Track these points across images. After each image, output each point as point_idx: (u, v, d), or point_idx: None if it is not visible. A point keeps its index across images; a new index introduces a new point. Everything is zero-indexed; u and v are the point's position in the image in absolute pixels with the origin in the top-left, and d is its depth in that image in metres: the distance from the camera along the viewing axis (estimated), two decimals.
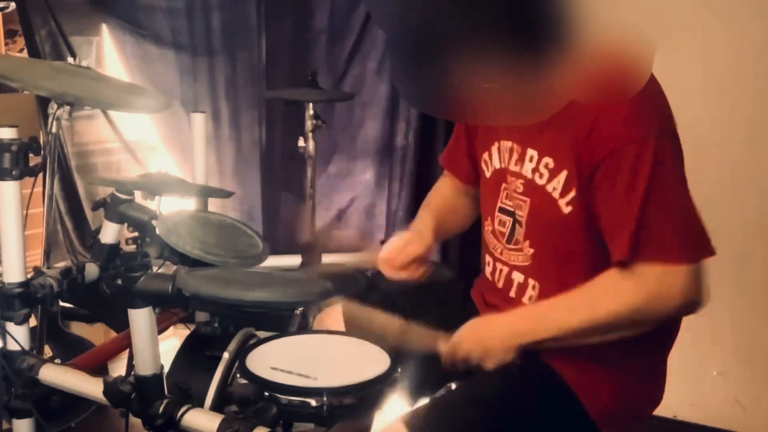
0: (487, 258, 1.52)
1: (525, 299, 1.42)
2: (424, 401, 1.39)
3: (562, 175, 1.31)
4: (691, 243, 1.23)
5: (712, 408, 2.41)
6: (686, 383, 2.36)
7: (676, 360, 1.44)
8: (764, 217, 2.26)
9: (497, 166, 1.47)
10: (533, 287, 1.40)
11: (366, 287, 1.69)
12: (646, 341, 1.34)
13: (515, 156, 1.40)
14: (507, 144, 1.42)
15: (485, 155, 1.50)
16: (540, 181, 1.34)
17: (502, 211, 1.45)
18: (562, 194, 1.31)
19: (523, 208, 1.39)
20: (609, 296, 1.25)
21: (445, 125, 2.72)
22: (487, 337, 1.32)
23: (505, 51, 1.01)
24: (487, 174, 1.50)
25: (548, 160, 1.33)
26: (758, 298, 2.30)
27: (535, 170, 1.35)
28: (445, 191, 1.69)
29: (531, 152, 1.35)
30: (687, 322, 1.42)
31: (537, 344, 1.30)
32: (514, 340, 1.30)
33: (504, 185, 1.44)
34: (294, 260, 2.61)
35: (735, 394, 2.38)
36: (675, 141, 1.27)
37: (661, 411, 1.45)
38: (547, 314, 1.31)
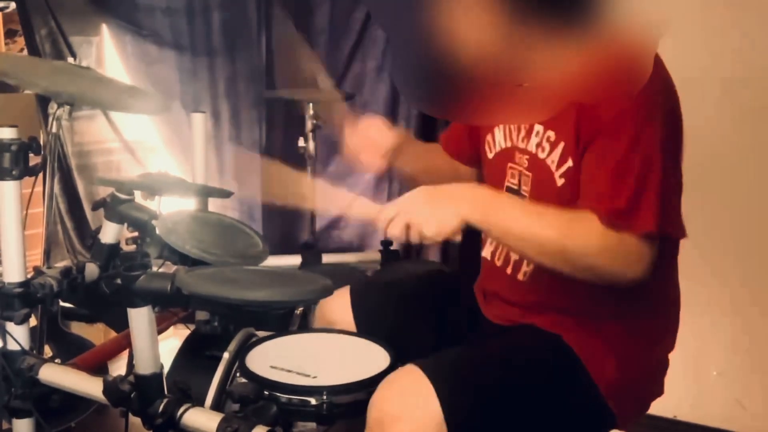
0: (486, 242, 1.54)
1: (520, 275, 1.43)
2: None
3: (560, 147, 1.32)
4: (669, 221, 1.24)
5: (712, 408, 2.41)
6: (686, 383, 2.36)
7: (676, 360, 1.44)
8: (764, 215, 2.26)
9: (502, 145, 1.47)
10: (527, 263, 1.41)
11: (366, 287, 1.69)
12: (648, 323, 1.38)
13: (522, 132, 1.41)
14: None
15: (488, 136, 1.51)
16: (542, 155, 1.36)
17: (509, 190, 1.46)
18: (558, 166, 1.33)
19: (527, 183, 1.40)
20: (582, 234, 1.23)
21: (445, 125, 2.72)
22: (433, 199, 1.27)
23: (513, 49, 1.01)
24: (490, 155, 1.51)
25: (550, 133, 1.34)
26: (759, 297, 2.30)
27: (539, 145, 1.36)
28: (434, 148, 1.71)
29: (537, 127, 1.37)
30: (687, 322, 1.43)
31: (485, 227, 1.27)
32: (460, 208, 1.24)
33: (510, 164, 1.45)
34: (294, 260, 2.61)
35: (735, 394, 2.38)
36: (675, 117, 1.28)
37: (661, 411, 1.45)
38: (506, 206, 1.29)
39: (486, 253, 1.54)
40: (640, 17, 0.99)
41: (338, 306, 1.61)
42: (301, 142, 2.60)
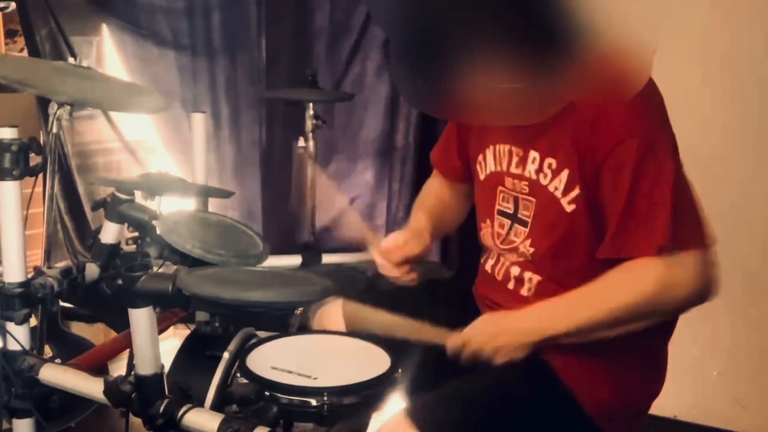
0: (487, 254, 1.54)
1: (523, 291, 1.43)
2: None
3: (564, 174, 1.32)
4: (694, 231, 1.24)
5: (712, 408, 2.41)
6: (686, 383, 2.36)
7: (676, 360, 1.44)
8: (765, 216, 2.26)
9: (492, 169, 1.47)
10: (529, 279, 1.41)
11: (366, 287, 1.69)
12: (644, 333, 1.35)
13: (516, 159, 1.40)
14: (504, 147, 1.43)
15: (479, 157, 1.51)
16: (544, 181, 1.35)
17: (501, 213, 1.46)
18: (564, 193, 1.32)
19: (529, 208, 1.39)
20: (621, 288, 1.26)
21: (445, 125, 2.72)
22: (501, 333, 1.32)
23: (511, 51, 1.01)
24: (482, 176, 1.51)
25: (551, 161, 1.34)
26: (759, 298, 2.30)
27: (538, 171, 1.36)
28: (436, 190, 1.70)
29: (533, 154, 1.36)
30: (687, 322, 1.42)
31: (552, 340, 1.30)
32: (528, 337, 1.30)
33: (500, 188, 1.45)
34: (294, 260, 2.61)
35: (735, 394, 2.38)
36: (671, 135, 1.29)
37: (661, 411, 1.45)
38: (561, 310, 1.31)
39: (487, 266, 1.54)
40: (634, 29, 1.00)
41: (334, 317, 1.61)
42: (301, 142, 2.60)
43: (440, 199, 1.68)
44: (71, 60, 2.05)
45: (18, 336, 1.52)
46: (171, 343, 2.56)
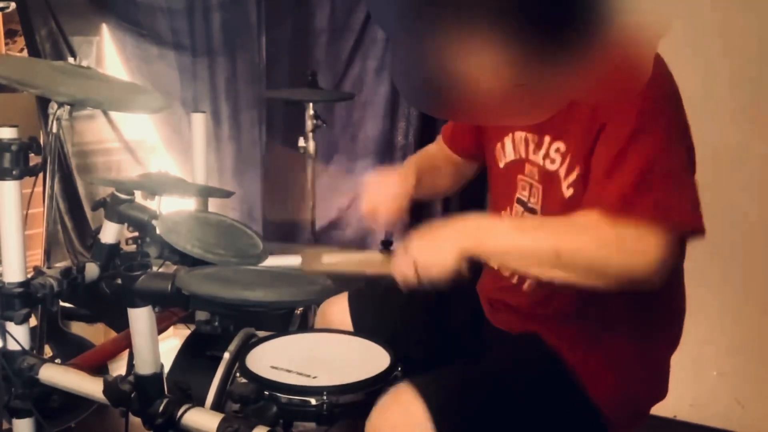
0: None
1: (525, 286, 1.42)
2: None
3: (569, 157, 1.31)
4: (670, 210, 1.18)
5: (712, 408, 2.41)
6: (686, 383, 2.36)
7: (676, 360, 1.44)
8: (764, 216, 2.26)
9: (512, 157, 1.46)
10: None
11: (366, 286, 1.69)
12: (652, 332, 1.36)
13: (532, 145, 1.40)
14: (521, 134, 1.42)
15: (498, 145, 1.49)
16: (551, 167, 1.35)
17: (519, 202, 1.45)
18: (566, 176, 1.32)
19: (536, 195, 1.39)
20: (582, 232, 1.19)
21: (445, 124, 2.72)
22: (435, 236, 1.25)
23: (513, 49, 1.01)
24: (501, 165, 1.49)
25: (559, 144, 1.33)
26: (758, 297, 2.30)
27: (546, 156, 1.35)
28: (433, 154, 1.69)
29: (546, 139, 1.36)
30: (687, 322, 1.43)
31: (484, 253, 1.24)
32: (461, 241, 1.22)
33: (520, 176, 1.44)
34: (294, 260, 2.60)
35: (735, 394, 2.38)
36: (679, 112, 1.24)
37: (661, 411, 1.45)
38: (505, 228, 1.27)
39: None
40: (639, 19, 0.99)
41: (337, 311, 1.61)
42: (301, 142, 2.60)
43: (434, 162, 1.66)
44: (71, 60, 2.04)
45: (18, 336, 1.52)
46: (171, 343, 2.56)
